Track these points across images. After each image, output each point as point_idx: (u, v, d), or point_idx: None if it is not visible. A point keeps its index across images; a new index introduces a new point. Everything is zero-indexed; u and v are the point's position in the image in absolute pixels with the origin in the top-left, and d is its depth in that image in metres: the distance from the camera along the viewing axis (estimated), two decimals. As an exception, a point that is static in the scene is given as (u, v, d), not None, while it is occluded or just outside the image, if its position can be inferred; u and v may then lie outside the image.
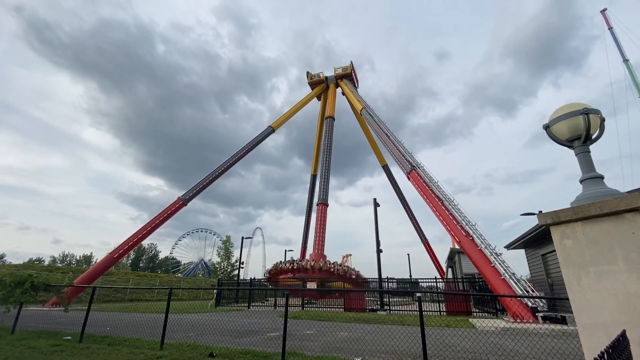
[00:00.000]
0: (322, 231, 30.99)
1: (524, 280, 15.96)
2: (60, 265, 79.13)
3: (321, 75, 47.69)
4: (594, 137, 3.24)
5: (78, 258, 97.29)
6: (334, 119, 41.71)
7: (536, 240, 17.06)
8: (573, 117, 3.19)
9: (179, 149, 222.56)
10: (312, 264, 25.04)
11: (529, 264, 19.81)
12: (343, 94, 45.53)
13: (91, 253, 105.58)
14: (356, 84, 47.55)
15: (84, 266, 76.05)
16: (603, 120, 3.24)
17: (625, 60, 46.51)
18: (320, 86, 47.20)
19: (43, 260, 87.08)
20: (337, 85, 46.69)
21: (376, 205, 22.49)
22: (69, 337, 8.59)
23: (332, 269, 25.18)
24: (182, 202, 30.34)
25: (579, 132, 3.17)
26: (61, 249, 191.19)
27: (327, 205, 33.44)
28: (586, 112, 3.14)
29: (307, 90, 47.96)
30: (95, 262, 51.58)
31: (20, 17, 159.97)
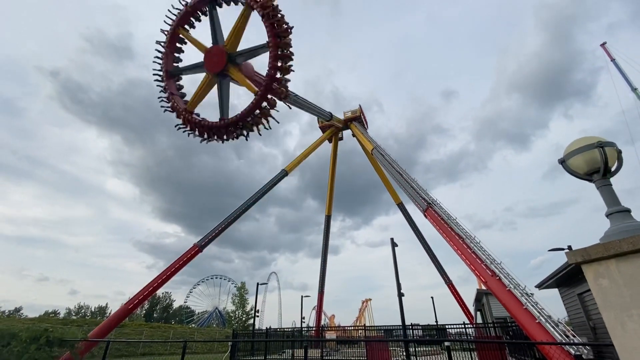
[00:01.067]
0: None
1: (562, 323, 14.60)
2: (75, 317, 78.14)
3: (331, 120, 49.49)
4: (613, 169, 3.18)
5: (93, 309, 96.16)
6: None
7: (570, 278, 15.86)
8: (588, 151, 3.17)
9: (196, 195, 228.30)
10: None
11: (564, 304, 18.25)
12: (353, 135, 46.72)
13: (106, 304, 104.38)
14: (366, 126, 48.92)
15: (99, 318, 74.85)
16: (620, 152, 3.20)
17: (634, 89, 46.61)
18: (331, 129, 48.74)
19: (59, 313, 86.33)
20: (347, 128, 48.13)
21: (394, 245, 21.85)
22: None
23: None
24: (198, 248, 30.32)
25: (597, 165, 3.13)
26: (77, 300, 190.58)
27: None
28: (601, 145, 3.12)
29: (319, 133, 49.54)
30: (110, 314, 50.78)
31: (56, 81, 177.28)
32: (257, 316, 31.85)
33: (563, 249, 21.12)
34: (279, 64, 18.12)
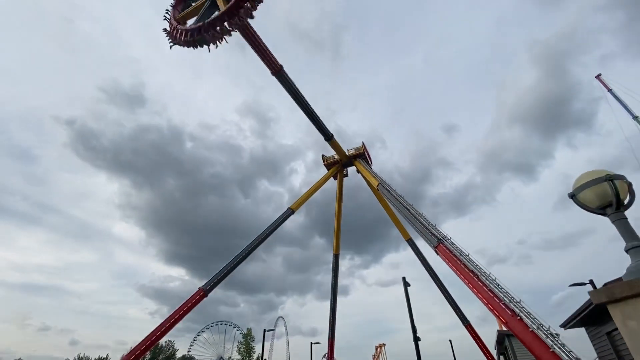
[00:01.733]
0: None
1: (595, 367, 13.43)
2: (73, 371, 74.04)
3: (336, 157, 50.30)
4: (626, 202, 3.13)
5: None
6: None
7: (597, 317, 14.86)
8: (598, 184, 3.14)
9: (202, 236, 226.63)
10: None
11: (593, 345, 16.87)
12: (358, 172, 47.16)
13: (107, 355, 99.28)
14: (370, 162, 49.52)
15: (98, 371, 70.93)
16: (630, 184, 3.17)
17: (635, 117, 47.19)
18: (336, 167, 49.38)
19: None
20: (351, 165, 48.76)
21: (406, 285, 21.01)
22: None
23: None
24: (203, 292, 29.49)
25: (608, 199, 3.08)
26: (78, 350, 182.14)
27: None
28: (610, 178, 3.10)
29: (324, 170, 50.16)
30: (109, 366, 48.04)
31: (71, 129, 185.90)
32: (265, 366, 29.88)
33: (584, 284, 20.13)
34: None
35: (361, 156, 48.40)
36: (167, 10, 25.56)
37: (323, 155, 51.67)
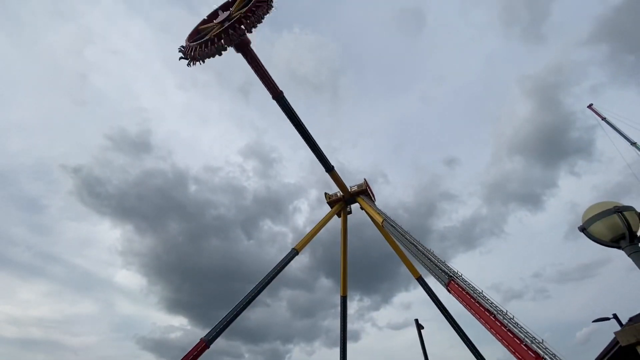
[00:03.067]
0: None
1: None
2: None
3: (338, 194, 50.24)
4: (639, 234, 3.03)
5: None
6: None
7: (627, 355, 13.76)
8: (608, 217, 3.07)
9: (204, 281, 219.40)
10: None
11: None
12: (362, 208, 46.80)
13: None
14: (373, 198, 49.33)
15: None
16: (640, 215, 3.09)
17: (633, 144, 47.61)
18: (339, 204, 49.15)
19: None
20: (355, 202, 48.56)
21: (420, 327, 19.83)
22: None
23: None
24: (205, 344, 27.91)
25: (620, 231, 2.99)
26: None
27: None
28: (618, 210, 3.04)
29: (327, 208, 49.86)
30: None
31: (77, 177, 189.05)
32: None
33: (608, 319, 18.91)
34: None
35: (364, 192, 48.36)
36: (181, 46, 28.81)
37: (326, 193, 51.70)
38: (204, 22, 31.46)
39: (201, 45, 25.57)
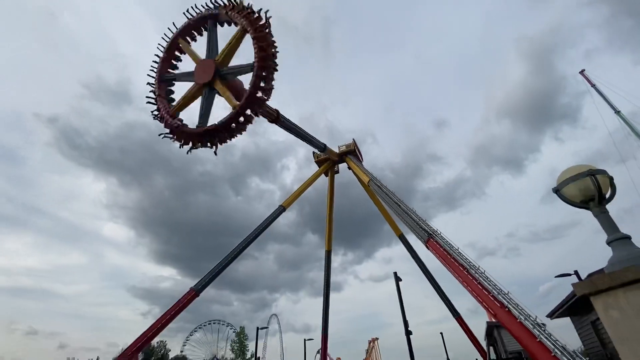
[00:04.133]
0: None
1: (578, 354, 13.89)
2: (63, 375, 72.79)
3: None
4: (607, 196, 3.23)
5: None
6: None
7: (581, 306, 15.35)
8: (581, 179, 3.24)
9: (193, 235, 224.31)
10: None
11: (578, 333, 17.48)
12: (349, 168, 47.30)
13: (97, 357, 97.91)
14: (361, 158, 49.70)
15: (88, 374, 69.91)
16: (611, 179, 3.27)
17: (617, 112, 48.48)
18: (327, 163, 49.39)
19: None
20: (342, 162, 48.87)
21: (398, 279, 21.26)
22: None
23: None
24: (195, 292, 29.25)
25: (591, 193, 3.18)
26: (67, 354, 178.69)
27: None
28: (592, 173, 3.20)
29: (315, 167, 50.13)
30: (100, 369, 47.36)
31: (54, 127, 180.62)
32: (258, 363, 29.92)
33: (570, 275, 20.67)
34: (261, 85, 19.47)
35: (352, 153, 48.52)
36: (151, 92, 23.15)
37: (314, 152, 51.58)
38: (170, 55, 24.27)
39: (205, 136, 20.17)
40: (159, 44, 24.21)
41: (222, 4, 22.04)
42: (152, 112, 23.09)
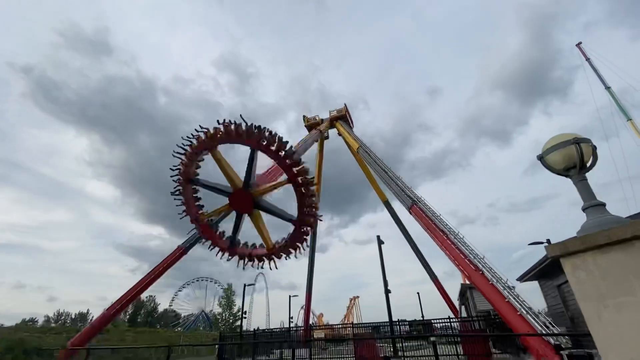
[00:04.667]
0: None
1: (542, 314, 15.13)
2: (54, 325, 75.29)
3: (317, 118, 49.47)
4: (588, 165, 3.29)
5: (73, 316, 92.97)
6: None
7: (549, 271, 16.47)
8: (565, 147, 3.27)
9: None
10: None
11: (544, 296, 18.94)
12: (339, 134, 46.90)
13: (87, 310, 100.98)
14: (351, 124, 49.16)
15: (80, 325, 72.40)
16: (595, 148, 3.31)
17: (607, 88, 48.67)
18: (317, 129, 48.74)
19: (37, 321, 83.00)
20: (332, 127, 48.26)
21: (380, 242, 22.07)
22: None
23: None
24: (183, 250, 29.73)
25: (573, 161, 3.23)
26: (56, 306, 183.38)
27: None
28: (577, 141, 3.22)
29: (305, 132, 49.46)
30: (91, 320, 49.14)
31: (29, 78, 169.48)
32: (245, 317, 31.54)
33: (542, 243, 21.87)
34: (302, 230, 16.46)
35: (343, 118, 47.86)
36: (177, 189, 17.76)
37: (304, 116, 50.61)
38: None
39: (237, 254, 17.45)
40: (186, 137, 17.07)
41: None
42: (180, 212, 18.42)
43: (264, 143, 14.64)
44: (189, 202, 18.51)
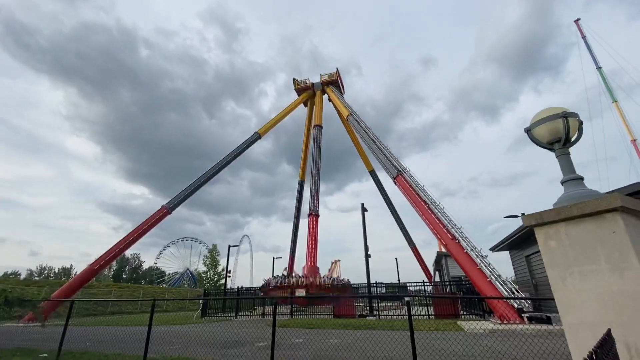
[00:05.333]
0: (314, 243, 30.79)
1: (509, 281, 16.25)
2: (37, 278, 75.74)
3: (307, 82, 47.92)
4: (573, 139, 3.32)
5: (56, 271, 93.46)
6: (322, 127, 42.25)
7: (520, 242, 17.44)
8: (553, 121, 3.27)
9: (164, 155, 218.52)
10: (303, 281, 25.08)
11: (513, 265, 20.20)
12: (330, 100, 45.86)
13: (71, 265, 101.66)
14: (342, 90, 47.97)
15: (63, 279, 72.98)
16: (581, 123, 3.33)
17: (599, 68, 48.78)
18: (307, 92, 47.40)
19: (19, 274, 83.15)
20: (323, 92, 46.99)
21: (364, 210, 22.57)
22: (45, 355, 8.15)
23: (322, 284, 25.25)
24: (167, 210, 29.65)
25: (558, 135, 3.25)
26: (38, 261, 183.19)
27: (318, 216, 33.34)
28: (565, 115, 3.23)
29: (295, 95, 48.07)
30: (75, 275, 49.52)
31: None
32: (229, 276, 32.49)
33: (517, 216, 22.91)
34: None
35: (334, 83, 46.52)
36: None
37: (294, 79, 48.87)
38: None
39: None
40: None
41: None
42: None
43: None
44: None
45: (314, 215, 32.82)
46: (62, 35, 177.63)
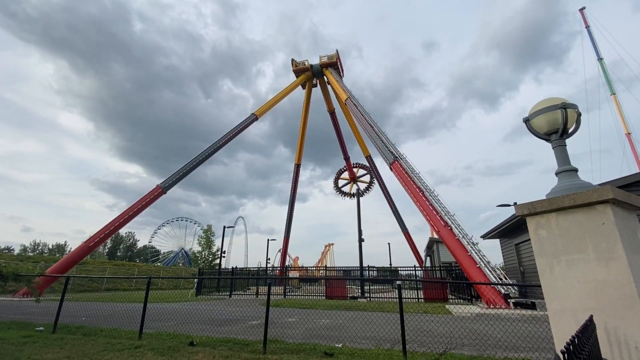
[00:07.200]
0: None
1: (498, 268, 16.68)
2: (31, 254, 75.93)
3: (306, 63, 46.89)
4: (570, 131, 3.34)
5: (50, 247, 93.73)
6: (334, 112, 44.97)
7: (511, 231, 17.79)
8: (552, 111, 3.27)
9: (159, 134, 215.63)
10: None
11: (503, 253, 20.68)
12: (328, 83, 45.11)
13: (65, 242, 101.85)
14: (342, 73, 47.13)
15: (57, 255, 73.20)
16: (579, 115, 3.34)
17: (600, 59, 48.41)
18: (305, 74, 46.48)
19: (12, 249, 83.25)
20: (322, 74, 46.15)
21: (359, 195, 22.69)
22: (41, 328, 8.29)
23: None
24: (161, 190, 29.52)
25: (556, 126, 3.26)
26: (32, 237, 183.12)
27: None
28: (564, 106, 3.22)
29: (293, 77, 47.17)
30: (69, 251, 49.68)
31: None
32: (224, 256, 32.88)
33: (509, 205, 23.25)
34: None
35: (333, 65, 45.61)
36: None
37: (293, 60, 47.79)
38: None
39: None
40: None
41: None
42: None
43: None
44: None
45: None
46: (51, 5, 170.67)
